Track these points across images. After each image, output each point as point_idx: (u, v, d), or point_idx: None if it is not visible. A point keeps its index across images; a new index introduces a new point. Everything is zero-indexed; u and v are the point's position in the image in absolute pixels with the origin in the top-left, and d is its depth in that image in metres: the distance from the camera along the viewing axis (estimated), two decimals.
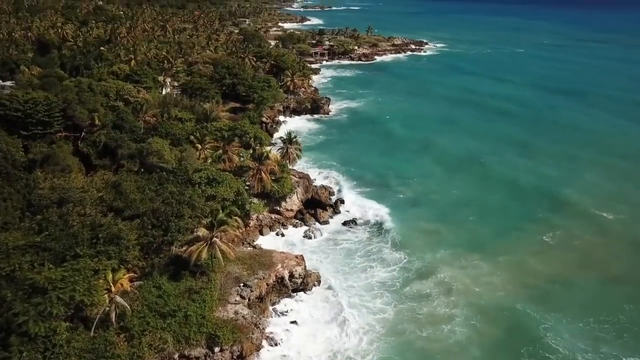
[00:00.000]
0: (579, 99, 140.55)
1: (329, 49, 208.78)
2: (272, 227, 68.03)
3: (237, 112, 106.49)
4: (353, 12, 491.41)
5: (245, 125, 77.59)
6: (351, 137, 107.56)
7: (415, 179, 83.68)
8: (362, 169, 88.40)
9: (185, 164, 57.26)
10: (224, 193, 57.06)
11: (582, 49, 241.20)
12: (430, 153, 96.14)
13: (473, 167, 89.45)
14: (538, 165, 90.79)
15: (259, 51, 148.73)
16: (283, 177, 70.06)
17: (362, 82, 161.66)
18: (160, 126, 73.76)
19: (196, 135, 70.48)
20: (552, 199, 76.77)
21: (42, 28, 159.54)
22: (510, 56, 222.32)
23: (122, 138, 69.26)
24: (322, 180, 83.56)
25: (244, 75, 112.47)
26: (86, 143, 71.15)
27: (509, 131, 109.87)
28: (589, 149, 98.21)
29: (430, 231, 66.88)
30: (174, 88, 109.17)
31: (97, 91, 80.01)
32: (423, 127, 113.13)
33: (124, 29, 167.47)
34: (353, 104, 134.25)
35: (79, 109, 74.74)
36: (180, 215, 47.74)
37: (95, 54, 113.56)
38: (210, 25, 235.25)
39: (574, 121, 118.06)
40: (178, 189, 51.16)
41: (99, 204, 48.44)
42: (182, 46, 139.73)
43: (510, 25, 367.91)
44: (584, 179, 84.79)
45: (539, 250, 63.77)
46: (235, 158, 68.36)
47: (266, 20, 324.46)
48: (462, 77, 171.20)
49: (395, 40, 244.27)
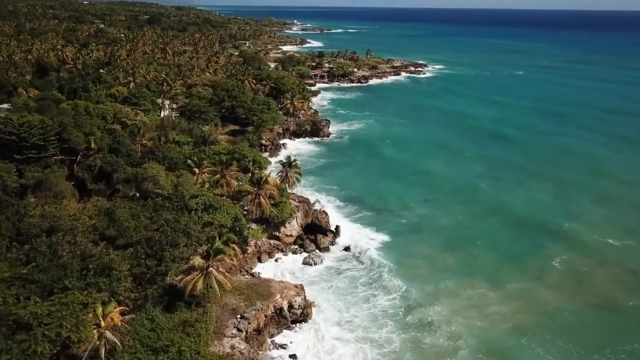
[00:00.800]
0: (575, 122, 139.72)
1: (329, 71, 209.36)
2: (270, 254, 66.04)
3: (236, 134, 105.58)
4: (351, 34, 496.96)
5: (244, 149, 76.25)
6: (351, 160, 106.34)
7: (417, 204, 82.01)
8: (363, 193, 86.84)
9: (182, 189, 55.66)
10: (221, 219, 55.29)
11: (579, 71, 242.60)
12: (431, 177, 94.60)
13: (475, 192, 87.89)
14: (539, 190, 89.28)
15: (258, 73, 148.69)
16: (282, 201, 68.34)
17: (362, 105, 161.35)
18: (157, 150, 72.36)
19: (194, 159, 69.05)
20: (555, 225, 75.08)
21: (42, 50, 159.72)
22: (510, 78, 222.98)
23: (118, 162, 67.82)
24: (323, 204, 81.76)
25: (244, 98, 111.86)
26: (81, 167, 69.78)
27: (508, 156, 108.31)
28: (587, 174, 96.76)
29: (434, 258, 64.95)
30: (173, 110, 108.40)
31: (94, 114, 78.99)
32: (423, 151, 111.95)
33: (124, 51, 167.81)
34: (353, 127, 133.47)
35: (74, 133, 73.66)
36: (175, 244, 45.91)
37: (94, 77, 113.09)
38: (210, 47, 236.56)
39: (572, 145, 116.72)
40: (173, 216, 49.41)
41: (91, 232, 46.62)
42: (182, 68, 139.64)
43: (509, 48, 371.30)
44: (584, 205, 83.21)
45: (548, 277, 61.89)
46: (233, 182, 66.77)
47: (266, 43, 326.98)
48: (461, 99, 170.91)
49: (395, 63, 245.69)
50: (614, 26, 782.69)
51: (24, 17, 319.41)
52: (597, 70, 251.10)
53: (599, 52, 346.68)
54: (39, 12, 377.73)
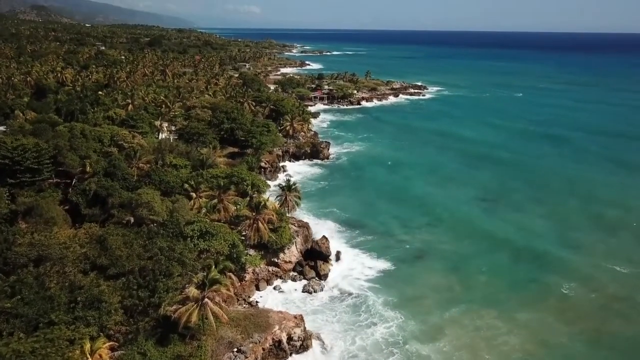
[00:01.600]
0: (574, 145, 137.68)
1: (328, 93, 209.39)
2: (269, 281, 63.84)
3: (235, 157, 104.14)
4: (350, 56, 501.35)
5: (243, 172, 74.64)
6: (352, 182, 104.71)
7: (419, 229, 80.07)
8: (363, 216, 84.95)
9: (177, 215, 53.80)
10: (218, 247, 53.32)
11: (577, 93, 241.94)
12: (432, 201, 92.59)
13: (477, 217, 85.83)
14: (542, 215, 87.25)
15: (258, 95, 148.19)
16: (281, 226, 66.47)
17: (362, 127, 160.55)
18: (154, 173, 70.76)
19: (191, 183, 67.35)
20: (560, 251, 73.17)
21: (41, 72, 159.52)
22: (509, 100, 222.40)
23: (113, 186, 66.13)
24: (322, 228, 79.68)
25: (243, 120, 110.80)
26: (75, 191, 68.02)
27: (509, 180, 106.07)
28: (587, 199, 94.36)
29: (440, 286, 62.74)
30: (171, 133, 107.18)
31: (90, 137, 77.58)
32: (424, 174, 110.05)
33: (124, 73, 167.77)
34: (353, 149, 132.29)
35: (69, 156, 72.09)
36: (169, 273, 43.90)
37: (92, 99, 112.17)
38: (210, 69, 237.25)
39: (572, 169, 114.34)
40: (168, 244, 47.47)
41: (81, 261, 44.61)
42: (181, 90, 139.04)
43: (507, 70, 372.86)
44: (586, 230, 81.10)
45: (557, 305, 59.83)
46: (231, 207, 64.94)
47: (266, 65, 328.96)
48: (461, 122, 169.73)
49: (394, 85, 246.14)
50: (609, 48, 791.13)
51: (25, 39, 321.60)
52: (594, 91, 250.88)
53: (596, 74, 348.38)
54: (41, 35, 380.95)
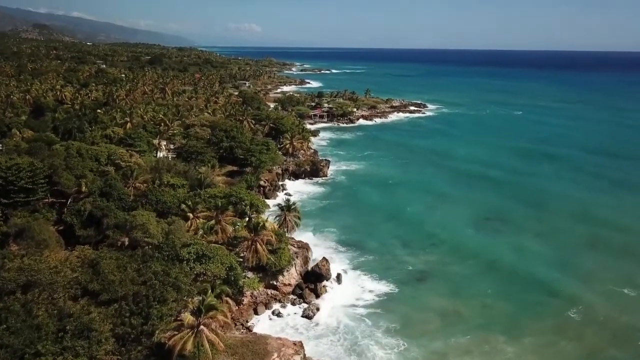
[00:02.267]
0: (573, 165, 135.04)
1: (328, 111, 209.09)
2: (267, 305, 61.91)
3: (234, 175, 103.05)
4: (350, 74, 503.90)
5: (241, 192, 73.19)
6: (352, 201, 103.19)
7: (421, 249, 78.29)
8: (365, 236, 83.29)
9: (173, 238, 52.21)
10: (215, 270, 51.61)
11: (576, 111, 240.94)
12: (433, 221, 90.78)
13: (481, 238, 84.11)
14: (548, 236, 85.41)
15: (257, 114, 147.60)
16: (281, 247, 64.85)
17: (362, 145, 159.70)
18: (151, 193, 69.33)
19: (188, 203, 65.84)
20: (565, 273, 71.39)
21: (40, 91, 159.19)
22: (509, 119, 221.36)
23: (109, 207, 64.58)
24: (322, 249, 78.02)
25: (242, 138, 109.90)
26: (70, 212, 66.52)
27: (511, 200, 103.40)
28: (588, 220, 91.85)
29: (445, 309, 60.79)
30: (170, 151, 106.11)
31: (86, 156, 76.34)
32: (425, 193, 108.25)
33: (123, 91, 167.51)
34: (353, 167, 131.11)
35: (65, 175, 70.78)
36: (163, 299, 42.14)
37: (90, 117, 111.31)
38: (210, 87, 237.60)
39: (573, 190, 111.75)
40: (163, 268, 45.79)
41: (72, 287, 42.88)
42: (180, 109, 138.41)
43: (506, 88, 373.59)
44: (589, 252, 79.04)
45: (566, 328, 58.06)
46: (228, 228, 63.33)
47: (266, 83, 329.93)
48: (461, 141, 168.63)
49: (394, 102, 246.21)
50: (606, 66, 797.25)
51: (27, 58, 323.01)
52: (593, 110, 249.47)
53: (594, 92, 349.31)
54: (43, 53, 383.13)
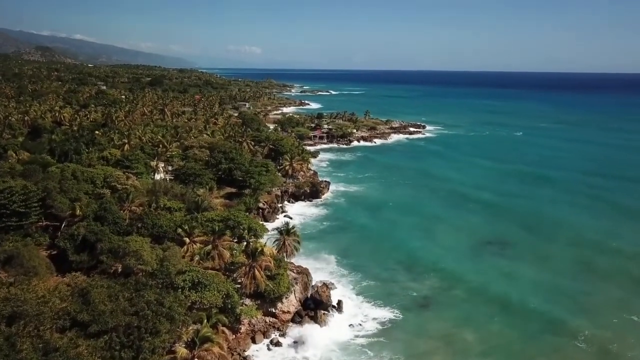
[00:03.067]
0: (574, 188, 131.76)
1: (328, 132, 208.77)
2: (266, 334, 59.55)
3: (233, 197, 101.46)
4: (349, 96, 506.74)
5: (239, 216, 71.46)
6: (352, 224, 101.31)
7: (425, 274, 76.18)
8: (366, 260, 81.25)
9: (168, 265, 50.35)
10: (210, 298, 49.60)
11: (577, 133, 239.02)
12: (436, 245, 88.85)
13: (485, 262, 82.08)
14: (552, 261, 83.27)
15: (257, 135, 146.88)
16: (279, 273, 62.79)
17: (362, 166, 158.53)
18: (147, 217, 67.64)
19: (184, 227, 64.08)
20: (570, 299, 69.46)
21: (39, 112, 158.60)
22: (509, 140, 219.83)
23: (103, 231, 62.83)
24: (323, 274, 76.02)
25: (241, 160, 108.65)
26: (63, 236, 64.71)
27: (514, 225, 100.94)
28: (590, 246, 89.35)
29: (450, 337, 58.51)
30: (167, 173, 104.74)
31: (81, 178, 74.85)
32: (426, 216, 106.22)
33: (122, 112, 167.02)
34: (353, 189, 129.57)
35: (59, 199, 69.16)
36: (156, 331, 40.09)
37: (88, 138, 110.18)
38: (210, 108, 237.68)
39: (575, 215, 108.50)
40: (156, 297, 43.79)
41: (60, 317, 40.84)
42: (179, 130, 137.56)
43: (506, 109, 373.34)
44: (591, 277, 76.90)
45: (574, 357, 55.83)
46: (226, 254, 61.43)
47: (266, 104, 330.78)
48: (461, 162, 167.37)
49: (393, 124, 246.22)
50: (605, 88, 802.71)
51: (28, 79, 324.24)
52: (593, 131, 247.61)
53: (594, 112, 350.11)
54: (44, 75, 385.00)
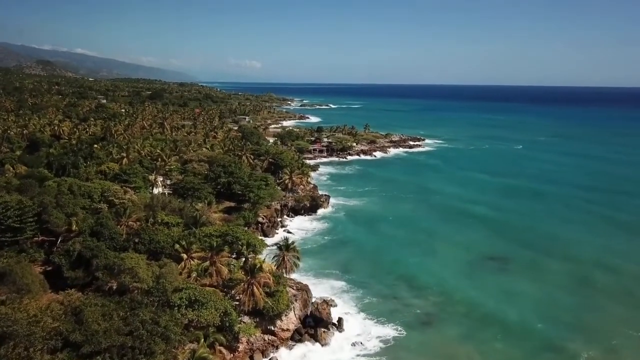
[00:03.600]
0: (575, 205, 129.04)
1: (328, 146, 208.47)
2: (264, 352, 57.96)
3: (231, 211, 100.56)
4: (348, 109, 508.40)
5: (238, 231, 70.25)
6: (353, 238, 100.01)
7: (428, 290, 74.71)
8: (367, 276, 79.84)
9: (164, 282, 49.10)
10: (208, 317, 48.25)
11: (576, 147, 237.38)
12: (438, 261, 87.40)
13: (488, 278, 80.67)
14: (560, 275, 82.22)
15: (256, 149, 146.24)
16: (279, 290, 61.41)
17: (362, 180, 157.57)
18: (144, 232, 66.46)
19: (182, 243, 62.86)
20: (574, 315, 68.33)
21: (38, 125, 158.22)
22: (510, 154, 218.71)
23: (99, 247, 61.59)
24: (323, 289, 74.66)
25: (240, 174, 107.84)
26: (58, 252, 63.49)
27: (517, 240, 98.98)
28: (595, 266, 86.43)
29: (456, 356, 57.06)
30: (166, 187, 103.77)
31: (78, 193, 73.80)
32: (429, 230, 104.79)
33: (122, 126, 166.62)
34: (353, 202, 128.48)
35: (55, 214, 68.00)
36: (150, 352, 38.76)
37: (86, 152, 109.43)
38: (210, 122, 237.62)
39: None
40: (151, 316, 42.51)
41: (52, 338, 39.51)
42: (178, 143, 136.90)
43: (506, 123, 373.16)
44: (595, 295, 75.24)
45: None
46: (224, 270, 60.16)
47: (266, 118, 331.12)
48: (462, 176, 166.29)
49: (393, 137, 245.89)
50: (602, 101, 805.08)
51: (28, 93, 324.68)
52: (593, 145, 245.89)
53: (592, 126, 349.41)
54: (44, 89, 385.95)
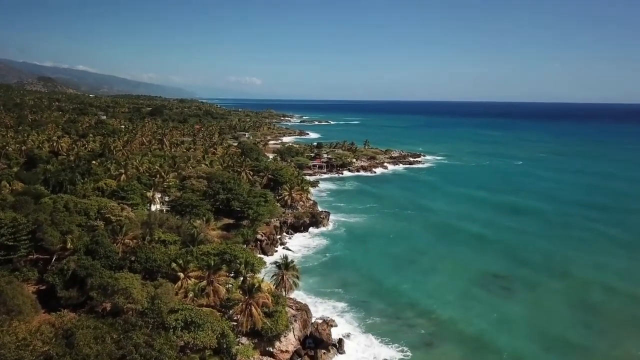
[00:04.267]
0: (577, 224, 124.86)
1: (327, 162, 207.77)
2: None
3: (230, 229, 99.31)
4: (348, 125, 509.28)
5: (236, 249, 68.89)
6: (354, 256, 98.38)
7: (431, 309, 73.00)
8: (369, 295, 78.30)
9: (159, 303, 47.63)
10: (204, 339, 46.68)
11: (576, 164, 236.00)
12: (440, 279, 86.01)
13: (491, 297, 79.28)
14: (564, 293, 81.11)
15: (256, 165, 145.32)
16: (277, 310, 59.92)
17: (362, 196, 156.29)
18: (140, 251, 65.11)
19: (179, 262, 61.45)
20: (580, 334, 67.19)
21: (37, 142, 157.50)
22: (510, 170, 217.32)
23: (94, 266, 60.21)
24: (323, 310, 73.02)
25: (239, 190, 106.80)
26: (52, 271, 62.06)
27: (519, 257, 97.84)
28: (597, 288, 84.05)
29: None
30: (164, 204, 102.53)
31: (73, 210, 72.61)
32: (430, 248, 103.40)
33: (121, 142, 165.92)
34: (353, 219, 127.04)
35: (50, 231, 66.79)
36: None
37: (84, 169, 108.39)
38: (209, 138, 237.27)
39: (579, 253, 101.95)
40: (145, 339, 41.03)
41: None
42: (176, 160, 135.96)
43: (505, 139, 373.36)
44: (594, 320, 72.69)
45: None
46: (221, 290, 58.64)
47: (265, 134, 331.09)
48: (463, 192, 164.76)
49: (393, 153, 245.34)
50: (601, 117, 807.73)
51: (28, 109, 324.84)
52: (591, 161, 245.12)
53: (590, 142, 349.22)
54: (45, 105, 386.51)
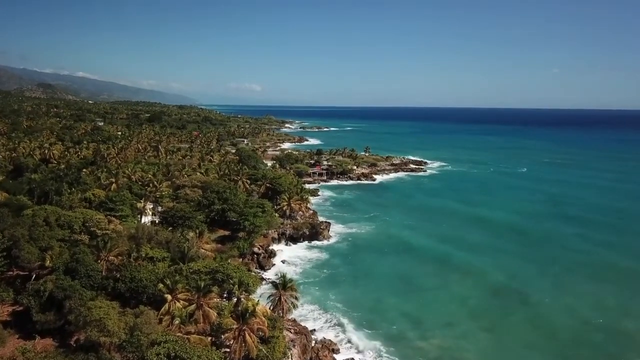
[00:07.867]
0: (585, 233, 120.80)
1: (328, 169, 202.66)
2: None
3: (225, 241, 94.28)
4: (348, 132, 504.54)
5: (229, 268, 63.60)
6: (356, 270, 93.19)
7: (436, 331, 67.85)
8: (372, 314, 73.20)
9: (139, 335, 42.33)
10: None
11: (579, 169, 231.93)
12: (447, 295, 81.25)
13: (496, 313, 74.78)
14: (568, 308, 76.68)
15: (253, 173, 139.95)
16: (274, 336, 54.59)
17: (363, 204, 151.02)
18: (125, 269, 59.86)
19: (166, 282, 56.12)
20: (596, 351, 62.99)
21: (28, 149, 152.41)
22: (514, 177, 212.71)
23: (73, 287, 55.02)
24: (324, 331, 67.87)
25: (236, 200, 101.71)
26: (28, 293, 56.82)
27: (524, 270, 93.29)
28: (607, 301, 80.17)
29: None
30: (156, 215, 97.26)
31: (54, 224, 67.33)
32: (434, 261, 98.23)
33: (115, 149, 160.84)
34: (355, 229, 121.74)
35: (27, 248, 61.51)
36: None
37: (72, 177, 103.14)
38: (207, 145, 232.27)
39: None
40: None
41: None
42: (171, 168, 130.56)
43: (509, 145, 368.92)
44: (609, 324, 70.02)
45: None
46: (212, 314, 53.26)
47: (265, 140, 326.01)
48: (469, 201, 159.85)
49: (394, 160, 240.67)
50: (603, 124, 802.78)
51: (26, 115, 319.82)
52: (593, 168, 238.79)
53: (592, 149, 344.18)
54: (43, 111, 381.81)
